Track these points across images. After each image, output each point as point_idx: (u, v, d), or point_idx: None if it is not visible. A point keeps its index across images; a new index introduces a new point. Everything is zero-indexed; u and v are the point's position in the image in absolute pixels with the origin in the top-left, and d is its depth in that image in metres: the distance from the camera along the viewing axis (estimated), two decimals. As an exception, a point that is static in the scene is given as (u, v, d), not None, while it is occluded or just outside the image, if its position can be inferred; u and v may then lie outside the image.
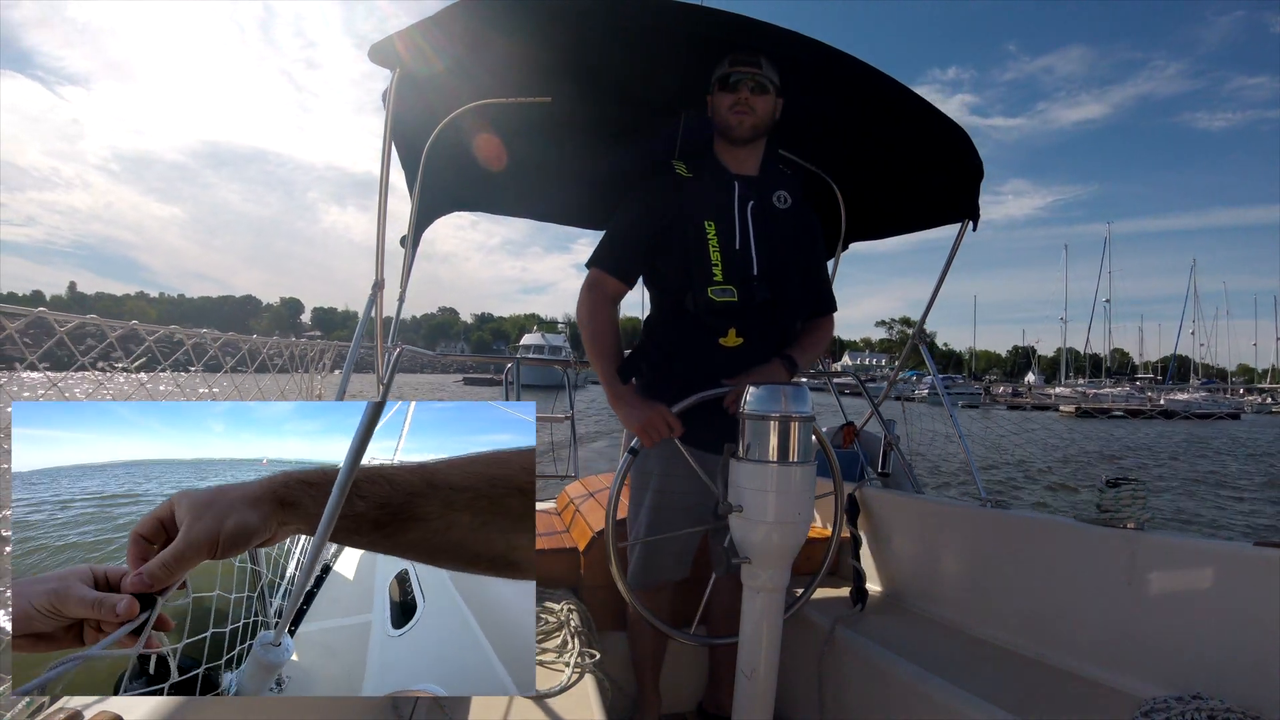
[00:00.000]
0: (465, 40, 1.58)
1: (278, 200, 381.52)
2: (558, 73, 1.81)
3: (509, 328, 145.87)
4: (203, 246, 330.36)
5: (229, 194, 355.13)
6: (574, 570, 2.00)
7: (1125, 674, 1.37)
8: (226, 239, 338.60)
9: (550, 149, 2.20)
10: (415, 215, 2.12)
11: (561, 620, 1.73)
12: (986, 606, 1.70)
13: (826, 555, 1.64)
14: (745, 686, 1.32)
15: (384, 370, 2.08)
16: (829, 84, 1.77)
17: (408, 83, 1.68)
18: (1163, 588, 1.36)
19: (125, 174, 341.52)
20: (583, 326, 1.61)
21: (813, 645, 1.78)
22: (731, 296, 1.51)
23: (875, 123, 1.92)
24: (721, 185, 1.58)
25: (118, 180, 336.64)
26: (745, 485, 1.27)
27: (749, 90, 1.53)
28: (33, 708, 0.72)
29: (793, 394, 1.26)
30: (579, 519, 2.16)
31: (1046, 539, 1.59)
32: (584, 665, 1.54)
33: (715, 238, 1.53)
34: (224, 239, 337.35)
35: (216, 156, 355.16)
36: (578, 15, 1.58)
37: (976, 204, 2.07)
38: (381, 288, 1.89)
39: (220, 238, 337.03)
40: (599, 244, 1.64)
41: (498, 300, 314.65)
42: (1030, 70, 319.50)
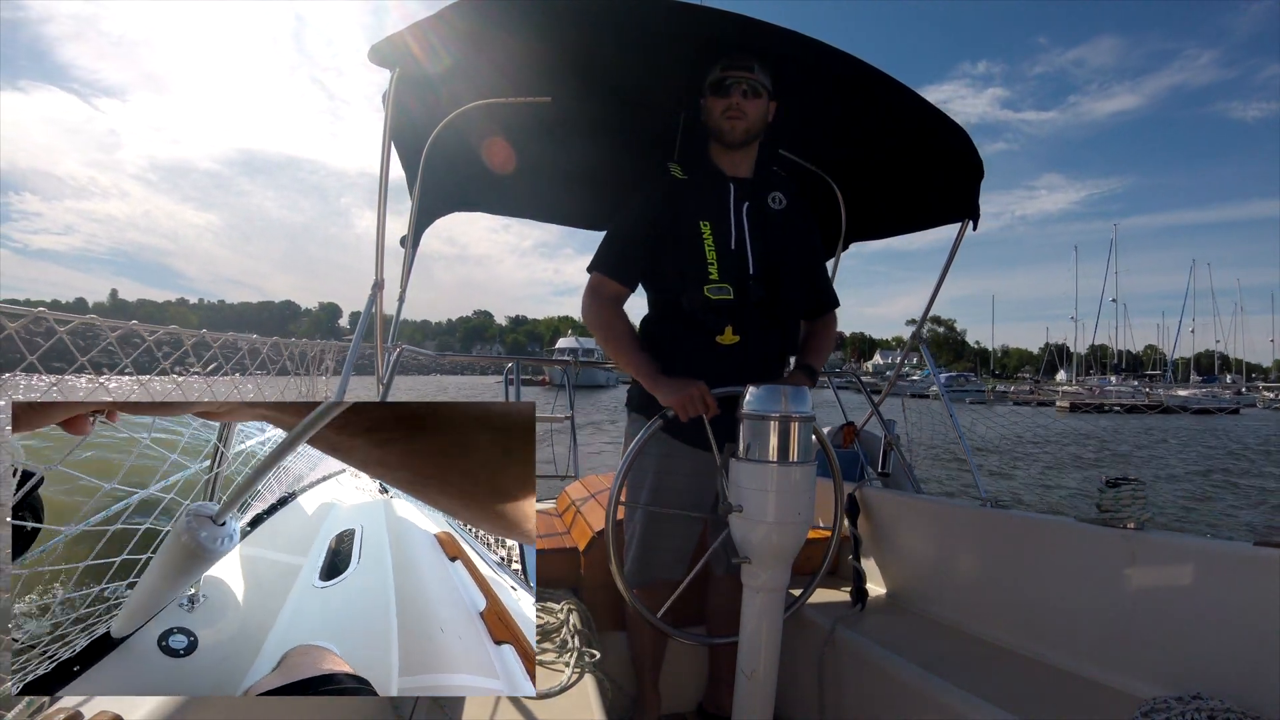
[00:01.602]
0: (465, 40, 1.58)
1: (312, 206, 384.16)
2: (558, 73, 1.81)
3: (543, 329, 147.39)
4: (238, 253, 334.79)
5: (264, 201, 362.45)
6: (574, 570, 2.00)
7: (1125, 674, 1.37)
8: (261, 245, 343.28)
9: (550, 149, 2.20)
10: (415, 215, 2.12)
11: (561, 620, 1.73)
12: (986, 606, 1.70)
13: (826, 555, 1.64)
14: (745, 686, 1.32)
15: (384, 371, 2.08)
16: (829, 84, 1.77)
17: (407, 83, 1.68)
18: (1163, 588, 1.36)
19: (162, 183, 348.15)
20: (594, 328, 1.62)
21: (813, 645, 1.78)
22: (728, 295, 1.52)
23: (875, 122, 1.92)
24: (716, 187, 1.59)
25: (155, 189, 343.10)
26: (745, 485, 1.27)
27: (741, 95, 1.54)
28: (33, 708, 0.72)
29: (793, 394, 1.26)
30: (579, 519, 2.16)
31: (1046, 539, 1.59)
32: (584, 665, 1.54)
33: (710, 238, 1.54)
34: (259, 245, 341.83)
35: (251, 165, 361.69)
36: (577, 15, 1.58)
37: (977, 203, 2.07)
38: (381, 288, 1.89)
39: (255, 244, 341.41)
40: (599, 247, 1.65)
41: (532, 303, 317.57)
42: (1061, 63, 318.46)
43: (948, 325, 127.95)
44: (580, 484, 2.60)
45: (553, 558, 2.01)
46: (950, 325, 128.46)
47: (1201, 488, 10.31)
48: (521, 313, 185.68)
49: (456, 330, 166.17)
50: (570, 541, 2.10)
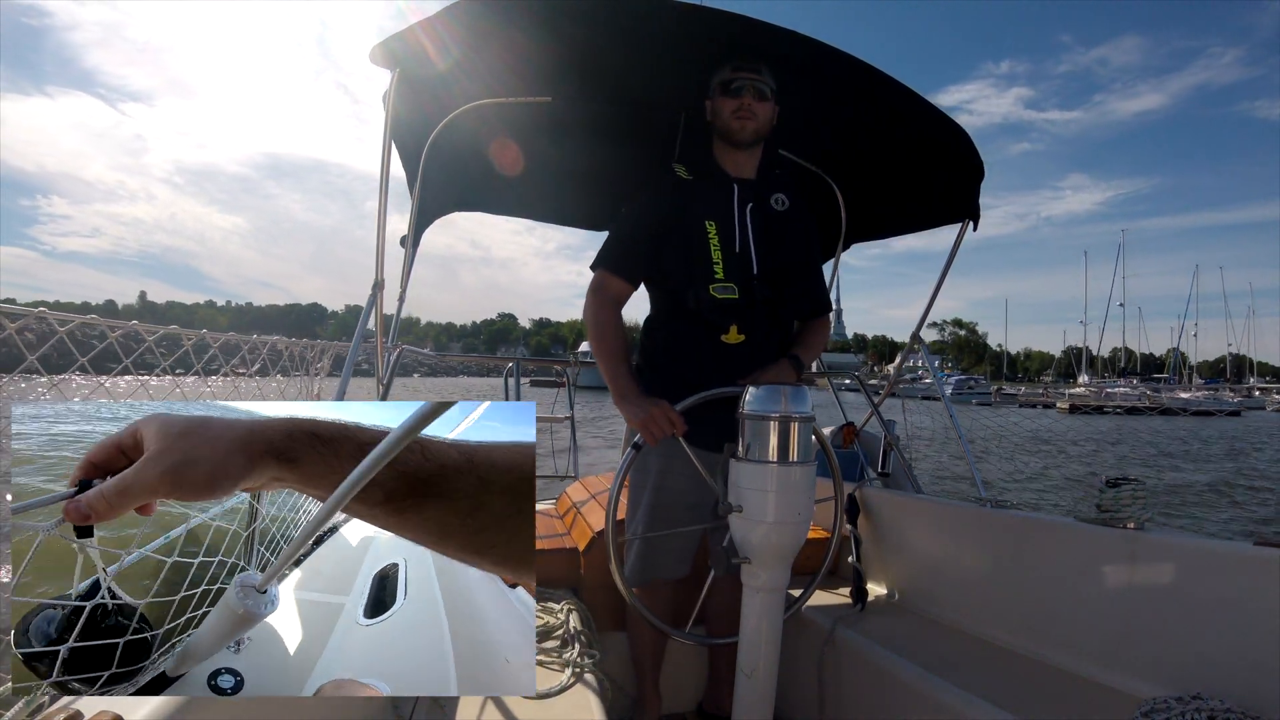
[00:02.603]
0: (465, 40, 1.58)
1: (339, 210, 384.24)
2: (558, 73, 1.81)
3: (566, 332, 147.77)
4: (265, 255, 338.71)
5: (290, 204, 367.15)
6: (574, 570, 2.00)
7: (1125, 674, 1.37)
8: (288, 247, 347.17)
9: (550, 149, 2.20)
10: (415, 215, 2.12)
11: (561, 620, 1.73)
12: (986, 606, 1.70)
13: (826, 555, 1.64)
14: (745, 686, 1.32)
15: (384, 371, 2.08)
16: (829, 84, 1.77)
17: (407, 83, 1.68)
18: (1163, 587, 1.36)
19: (189, 186, 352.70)
20: (588, 326, 1.62)
21: (813, 645, 1.78)
22: (733, 294, 1.53)
23: (876, 123, 1.93)
24: (721, 187, 1.59)
25: (181, 192, 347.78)
26: (745, 485, 1.27)
27: (752, 96, 1.54)
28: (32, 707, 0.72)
29: (793, 394, 1.26)
30: (579, 519, 2.16)
31: (1046, 539, 1.59)
32: (584, 665, 1.54)
33: (716, 238, 1.55)
34: (285, 247, 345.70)
35: (278, 168, 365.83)
36: (578, 15, 1.58)
37: (977, 204, 2.07)
38: (381, 288, 1.89)
39: (282, 246, 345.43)
40: (603, 245, 1.65)
41: (555, 305, 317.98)
42: (1085, 62, 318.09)
43: (969, 328, 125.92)
44: (580, 484, 2.60)
45: (553, 558, 2.01)
46: (971, 328, 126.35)
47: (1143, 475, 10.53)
48: (545, 315, 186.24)
49: (481, 333, 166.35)
50: (570, 542, 2.10)
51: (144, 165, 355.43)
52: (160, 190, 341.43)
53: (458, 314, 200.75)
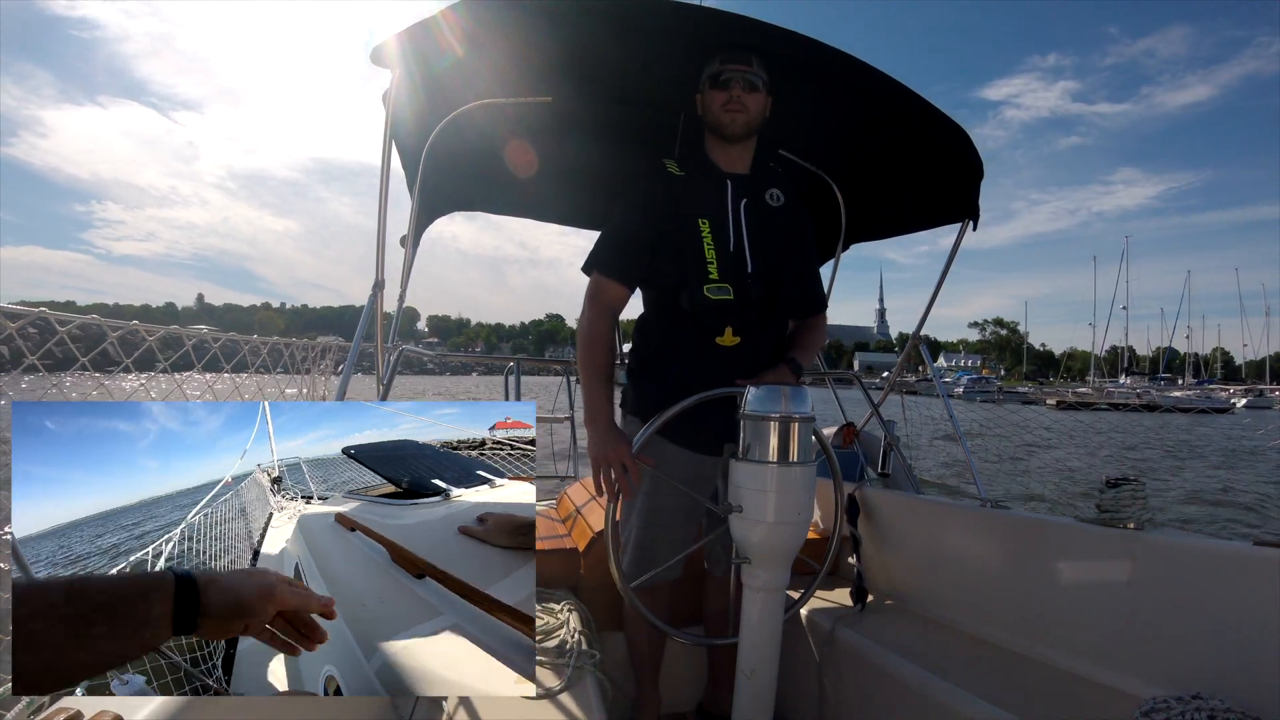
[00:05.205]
0: (465, 40, 1.58)
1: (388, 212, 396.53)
2: (558, 73, 1.81)
3: None
4: (317, 257, 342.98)
5: (340, 207, 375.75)
6: (574, 571, 2.00)
7: (1125, 674, 1.37)
8: (339, 249, 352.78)
9: (550, 149, 2.21)
10: (415, 215, 2.12)
11: (561, 620, 1.73)
12: (987, 606, 1.70)
13: (826, 555, 1.64)
14: (745, 686, 1.32)
15: (384, 371, 2.08)
16: (829, 84, 1.77)
17: (408, 83, 1.68)
18: (1163, 587, 1.36)
19: (240, 191, 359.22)
20: (580, 336, 1.58)
21: (813, 645, 1.78)
22: (728, 295, 1.49)
23: (875, 123, 1.92)
24: (714, 183, 1.56)
25: (234, 197, 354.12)
26: (745, 485, 1.27)
27: (741, 88, 1.52)
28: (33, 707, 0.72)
29: (793, 394, 1.26)
30: (579, 520, 2.16)
31: (1046, 539, 1.59)
32: (584, 665, 1.54)
33: (710, 236, 1.51)
34: (336, 250, 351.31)
35: (327, 173, 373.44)
36: (577, 15, 1.57)
37: (976, 204, 2.07)
38: (382, 288, 1.89)
39: (332, 248, 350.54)
40: (595, 247, 1.60)
41: None
42: (1132, 54, 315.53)
43: (1010, 328, 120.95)
44: (580, 485, 2.60)
45: (552, 558, 2.01)
46: (1013, 328, 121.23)
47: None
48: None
49: (529, 333, 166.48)
50: (570, 542, 2.09)
51: (195, 171, 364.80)
52: (212, 195, 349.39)
53: (507, 315, 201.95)
